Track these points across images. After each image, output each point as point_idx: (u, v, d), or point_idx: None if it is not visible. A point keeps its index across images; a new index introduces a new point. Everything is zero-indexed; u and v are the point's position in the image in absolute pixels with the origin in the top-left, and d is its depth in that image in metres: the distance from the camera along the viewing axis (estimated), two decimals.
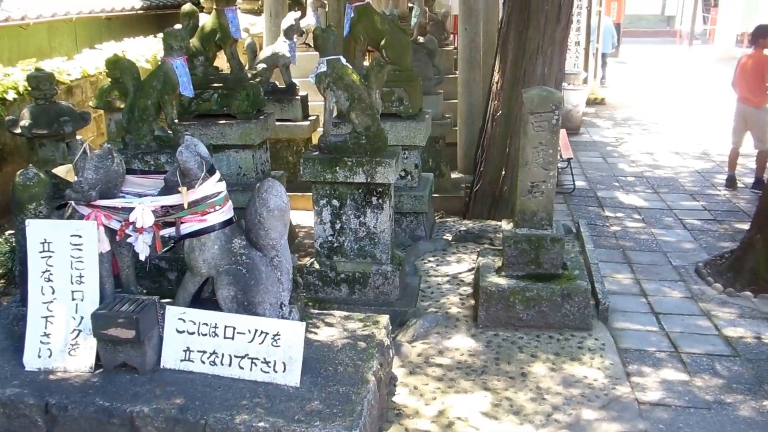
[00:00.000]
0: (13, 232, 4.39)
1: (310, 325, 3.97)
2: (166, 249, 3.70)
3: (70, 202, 3.62)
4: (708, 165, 10.24)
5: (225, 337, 3.51)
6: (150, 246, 3.61)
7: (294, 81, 7.99)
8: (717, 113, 13.22)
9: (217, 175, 3.60)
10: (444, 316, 5.06)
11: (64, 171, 3.65)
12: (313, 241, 5.24)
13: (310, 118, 8.10)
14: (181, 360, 3.55)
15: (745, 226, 6.54)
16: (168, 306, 3.62)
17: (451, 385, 4.24)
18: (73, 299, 3.58)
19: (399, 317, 4.96)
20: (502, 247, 5.14)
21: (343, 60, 4.95)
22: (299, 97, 7.92)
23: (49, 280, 3.58)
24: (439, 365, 4.47)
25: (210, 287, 3.86)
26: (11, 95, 6.66)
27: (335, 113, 5.19)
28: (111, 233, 3.63)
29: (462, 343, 4.73)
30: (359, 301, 5.06)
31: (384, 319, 4.22)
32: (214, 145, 5.51)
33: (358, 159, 4.83)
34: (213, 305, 3.66)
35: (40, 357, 3.58)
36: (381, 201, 4.97)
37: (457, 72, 9.13)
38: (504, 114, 7.16)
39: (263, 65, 7.56)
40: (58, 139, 4.44)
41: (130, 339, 3.42)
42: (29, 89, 4.60)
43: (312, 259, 5.27)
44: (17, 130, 4.40)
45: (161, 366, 3.56)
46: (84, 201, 3.56)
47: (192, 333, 3.54)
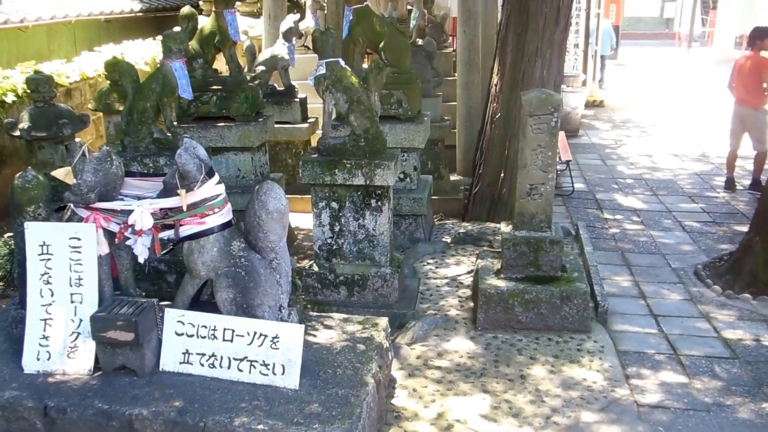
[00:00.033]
0: (12, 234, 4.39)
1: (309, 328, 3.97)
2: (165, 251, 3.70)
3: (68, 204, 3.62)
4: (707, 167, 10.24)
5: (224, 340, 3.51)
6: (149, 248, 3.60)
7: (293, 83, 7.99)
8: (716, 115, 13.24)
9: (216, 178, 3.60)
10: (443, 318, 5.06)
11: (62, 173, 3.66)
12: (312, 244, 5.24)
13: (309, 120, 8.09)
14: (180, 362, 3.55)
15: (744, 228, 6.54)
16: (167, 308, 3.61)
17: (450, 388, 4.24)
18: (72, 302, 3.58)
19: (398, 320, 4.96)
20: (501, 250, 5.14)
21: (342, 62, 4.96)
22: (298, 100, 7.91)
23: (48, 282, 3.58)
24: (438, 368, 4.47)
25: (209, 290, 3.86)
26: (10, 98, 6.68)
27: (334, 115, 5.19)
28: (110, 236, 3.63)
29: (461, 346, 4.73)
30: (358, 304, 5.06)
31: (383, 322, 4.21)
32: (213, 148, 5.51)
33: (357, 161, 4.83)
34: (212, 308, 3.66)
35: (38, 360, 3.58)
36: (380, 203, 4.97)
37: (456, 74, 9.14)
38: (503, 116, 7.16)
39: (262, 68, 7.56)
40: (57, 142, 4.45)
41: (129, 341, 3.42)
42: (28, 92, 4.61)
43: (311, 262, 5.27)
44: (16, 132, 4.41)
45: (160, 368, 3.56)
46: (83, 203, 3.56)
47: (191, 335, 3.54)
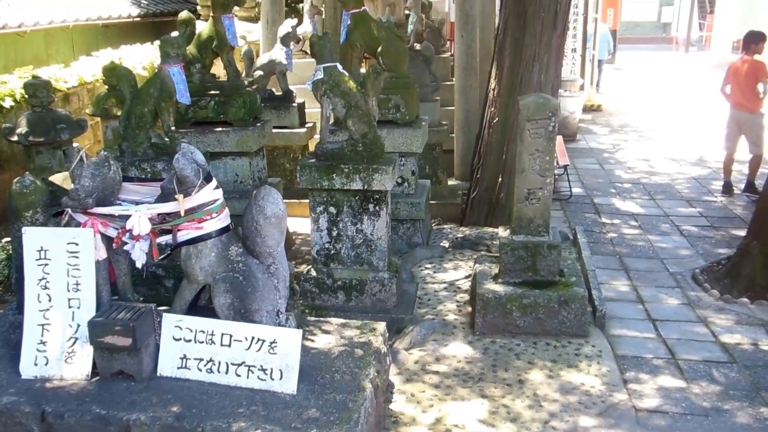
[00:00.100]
0: (10, 239, 4.38)
1: (306, 333, 3.96)
2: (162, 257, 3.71)
3: (66, 209, 3.62)
4: (704, 171, 10.26)
5: (222, 345, 3.50)
6: (147, 253, 3.60)
7: (291, 88, 7.98)
8: (713, 120, 13.24)
9: (214, 183, 3.61)
10: (441, 323, 5.06)
11: (60, 179, 3.66)
12: (310, 249, 5.24)
13: (306, 125, 8.09)
14: (178, 367, 3.54)
15: (742, 232, 6.55)
16: (165, 313, 3.61)
17: (448, 393, 4.24)
18: (70, 307, 3.58)
19: (396, 324, 4.96)
20: (499, 254, 5.14)
21: (340, 67, 4.96)
22: (296, 105, 7.91)
23: (46, 287, 3.58)
24: (436, 372, 4.46)
25: (207, 295, 3.85)
26: (8, 103, 6.68)
27: (332, 120, 5.19)
28: (108, 241, 3.63)
29: (459, 351, 4.72)
30: (356, 309, 5.06)
31: (381, 327, 4.21)
32: (210, 153, 5.52)
33: (354, 166, 4.83)
34: (210, 313, 3.66)
35: (36, 365, 3.57)
36: (378, 208, 4.97)
37: (454, 79, 9.15)
38: (501, 121, 7.17)
39: (260, 72, 7.57)
40: (54, 147, 4.44)
41: (126, 347, 3.42)
42: (26, 97, 4.60)
43: (309, 267, 5.26)
44: (14, 137, 4.41)
45: (158, 374, 3.55)
46: (81, 208, 3.56)
47: (189, 340, 3.53)
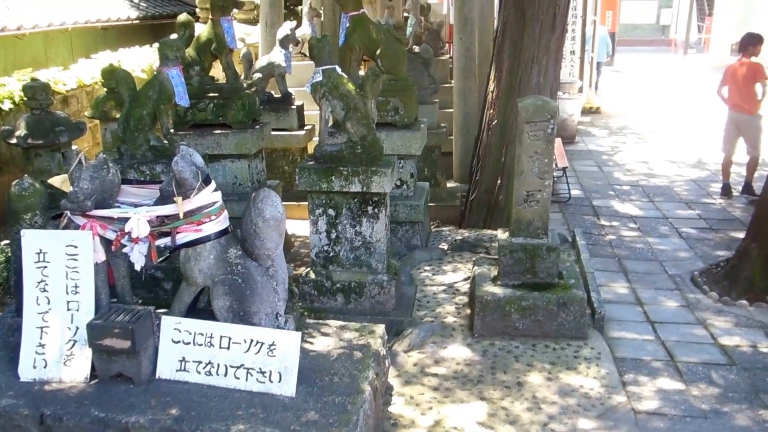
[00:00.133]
0: (9, 242, 4.38)
1: (305, 335, 3.96)
2: (161, 259, 3.70)
3: (65, 212, 3.61)
4: (703, 174, 10.27)
5: (221, 347, 3.50)
6: (145, 256, 3.60)
7: (290, 90, 7.99)
8: (712, 122, 13.25)
9: (213, 185, 3.60)
10: (440, 325, 5.06)
11: (59, 181, 3.65)
12: (309, 251, 5.24)
13: (305, 127, 8.09)
14: (177, 370, 3.54)
15: (741, 234, 6.55)
16: (163, 316, 3.60)
17: (447, 395, 4.24)
18: (69, 309, 3.57)
19: (395, 327, 4.96)
20: (497, 257, 5.14)
21: (339, 69, 4.96)
22: (295, 107, 7.91)
23: (45, 290, 3.57)
24: (435, 375, 4.46)
25: (206, 297, 3.85)
26: (7, 105, 6.67)
27: (331, 123, 5.19)
28: (106, 243, 3.62)
29: (458, 353, 4.72)
30: (355, 311, 5.06)
31: (380, 329, 4.21)
32: (209, 155, 5.52)
33: (353, 168, 4.84)
34: (209, 315, 3.65)
35: (35, 367, 3.56)
36: (377, 210, 4.98)
37: (453, 81, 9.16)
38: (499, 123, 7.18)
39: (259, 75, 7.57)
40: (53, 149, 4.44)
41: (125, 349, 3.41)
42: (25, 99, 4.60)
43: (308, 269, 5.26)
44: (13, 140, 4.40)
45: (157, 376, 3.55)
46: (79, 211, 3.55)
47: (188, 343, 3.53)
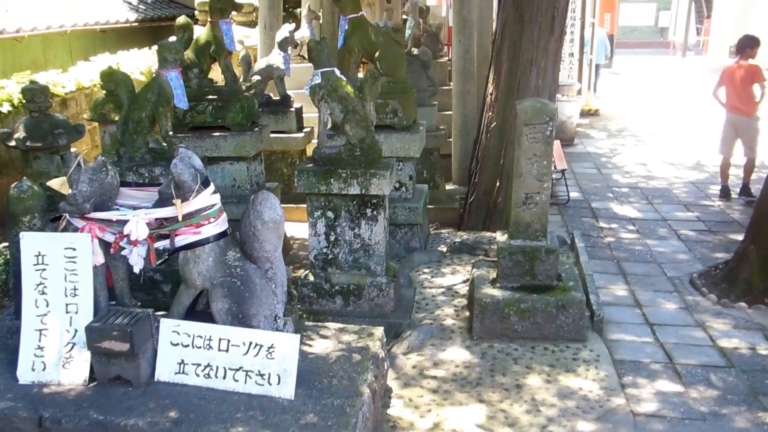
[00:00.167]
0: (7, 244, 4.37)
1: (304, 338, 3.96)
2: (160, 261, 3.70)
3: (64, 214, 3.61)
4: (702, 176, 10.27)
5: (219, 350, 3.50)
6: (144, 258, 3.59)
7: (288, 93, 7.99)
8: (711, 124, 13.25)
9: (212, 188, 3.60)
10: (439, 327, 5.06)
11: (58, 183, 3.65)
12: (308, 253, 5.24)
13: (304, 130, 8.09)
14: (176, 373, 3.54)
15: (739, 236, 6.56)
16: (162, 319, 3.60)
17: (446, 398, 4.24)
18: (67, 312, 3.57)
19: (394, 329, 4.95)
20: (496, 259, 5.14)
21: (338, 72, 4.97)
22: (294, 109, 7.91)
23: (43, 292, 3.57)
24: (434, 377, 4.46)
25: (204, 300, 3.85)
26: (6, 108, 6.67)
27: (330, 125, 5.20)
28: (105, 246, 3.62)
29: (457, 355, 4.72)
30: (354, 313, 5.06)
31: (379, 331, 4.20)
32: (208, 158, 5.52)
33: (352, 171, 4.84)
34: (207, 318, 3.65)
35: (33, 370, 3.56)
36: (375, 213, 4.98)
37: (452, 83, 9.16)
38: (498, 125, 7.18)
39: (258, 77, 7.57)
40: (52, 152, 4.44)
41: (124, 352, 3.41)
42: (24, 102, 4.60)
43: (306, 271, 5.26)
44: (12, 142, 4.40)
45: (155, 379, 3.54)
46: (78, 214, 3.55)
47: (186, 346, 3.52)
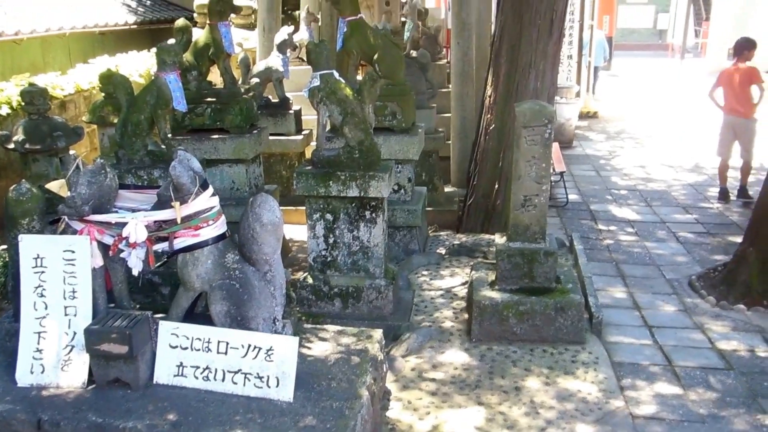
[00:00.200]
0: (6, 247, 4.37)
1: (303, 340, 3.96)
2: (159, 264, 3.69)
3: (63, 217, 3.61)
4: (701, 178, 10.28)
5: (218, 352, 3.50)
6: (143, 261, 3.60)
7: (287, 95, 8.00)
8: (709, 126, 13.26)
9: (210, 190, 3.60)
10: (437, 330, 5.06)
11: (57, 186, 3.65)
12: (307, 256, 5.24)
13: (303, 132, 8.11)
14: (174, 375, 3.53)
15: (738, 239, 6.56)
16: (161, 321, 3.60)
17: (445, 400, 4.24)
18: (66, 314, 3.56)
19: (392, 331, 4.95)
20: (495, 261, 5.14)
21: (336, 74, 4.97)
22: (292, 112, 7.92)
23: (42, 295, 3.57)
24: (433, 380, 4.46)
25: (203, 302, 3.85)
26: (5, 110, 6.66)
27: (328, 127, 5.20)
28: (104, 248, 3.62)
29: (456, 358, 4.72)
30: (353, 316, 5.05)
31: (377, 334, 4.20)
32: (207, 160, 5.52)
33: (351, 173, 4.84)
34: (206, 320, 3.65)
35: (32, 373, 3.55)
36: (374, 215, 4.98)
37: (450, 86, 9.17)
38: (497, 128, 7.19)
39: (256, 80, 7.58)
40: (51, 154, 4.44)
41: (123, 354, 3.41)
42: (23, 104, 4.60)
43: (305, 274, 5.26)
44: (11, 145, 4.40)
45: (154, 381, 3.54)
46: (77, 216, 3.55)
47: (185, 348, 3.52)
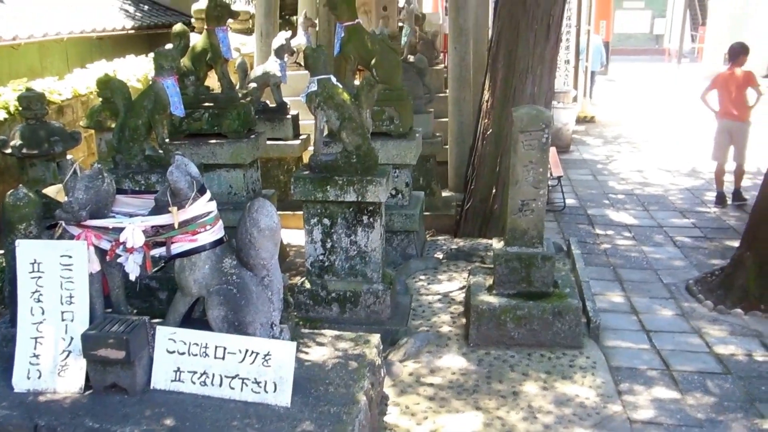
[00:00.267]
0: (3, 252, 4.36)
1: (300, 345, 3.95)
2: (156, 269, 3.69)
3: (60, 222, 3.61)
4: (698, 182, 10.30)
5: (215, 357, 3.49)
6: (140, 266, 3.60)
7: (285, 100, 8.00)
8: (706, 130, 13.27)
9: (208, 195, 3.60)
10: (435, 335, 5.05)
11: (54, 191, 3.65)
12: (304, 260, 5.23)
13: (300, 137, 8.10)
14: (172, 380, 3.53)
15: (735, 243, 6.57)
16: (158, 326, 3.60)
17: (443, 405, 4.23)
18: (63, 320, 3.56)
19: (390, 336, 4.95)
20: (493, 266, 5.14)
21: (334, 79, 4.97)
22: (290, 117, 7.93)
23: (39, 300, 3.56)
24: (431, 384, 4.46)
25: (201, 307, 3.84)
26: (2, 115, 6.65)
27: (326, 132, 5.20)
28: (101, 253, 3.62)
29: (453, 362, 4.72)
30: (350, 321, 5.05)
31: (375, 339, 4.21)
32: (205, 165, 5.51)
33: (348, 178, 4.84)
34: (203, 325, 3.64)
35: (29, 378, 3.55)
36: (372, 220, 4.98)
37: (448, 91, 9.17)
38: (494, 132, 7.19)
39: (254, 84, 7.59)
40: (48, 159, 4.43)
41: (120, 359, 3.40)
42: (20, 109, 4.59)
43: (303, 278, 5.26)
44: (8, 150, 4.40)
45: (151, 387, 3.54)
46: (74, 221, 3.55)
47: (182, 353, 3.52)
